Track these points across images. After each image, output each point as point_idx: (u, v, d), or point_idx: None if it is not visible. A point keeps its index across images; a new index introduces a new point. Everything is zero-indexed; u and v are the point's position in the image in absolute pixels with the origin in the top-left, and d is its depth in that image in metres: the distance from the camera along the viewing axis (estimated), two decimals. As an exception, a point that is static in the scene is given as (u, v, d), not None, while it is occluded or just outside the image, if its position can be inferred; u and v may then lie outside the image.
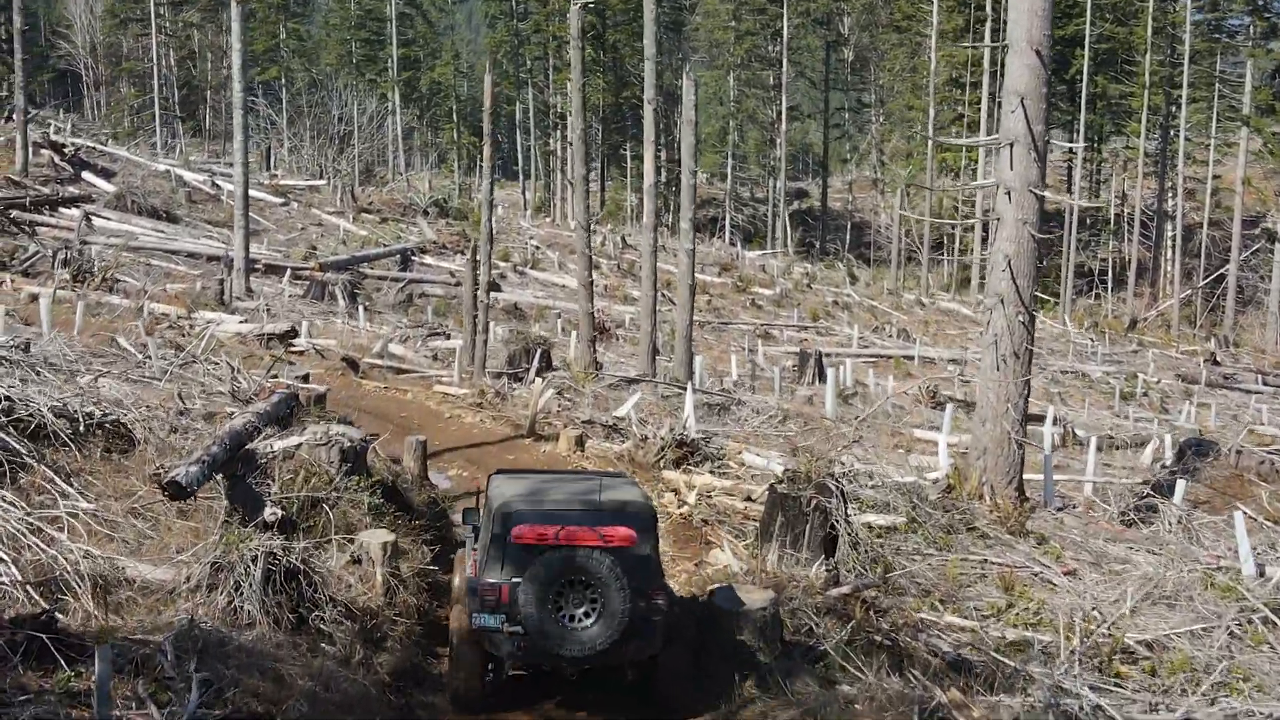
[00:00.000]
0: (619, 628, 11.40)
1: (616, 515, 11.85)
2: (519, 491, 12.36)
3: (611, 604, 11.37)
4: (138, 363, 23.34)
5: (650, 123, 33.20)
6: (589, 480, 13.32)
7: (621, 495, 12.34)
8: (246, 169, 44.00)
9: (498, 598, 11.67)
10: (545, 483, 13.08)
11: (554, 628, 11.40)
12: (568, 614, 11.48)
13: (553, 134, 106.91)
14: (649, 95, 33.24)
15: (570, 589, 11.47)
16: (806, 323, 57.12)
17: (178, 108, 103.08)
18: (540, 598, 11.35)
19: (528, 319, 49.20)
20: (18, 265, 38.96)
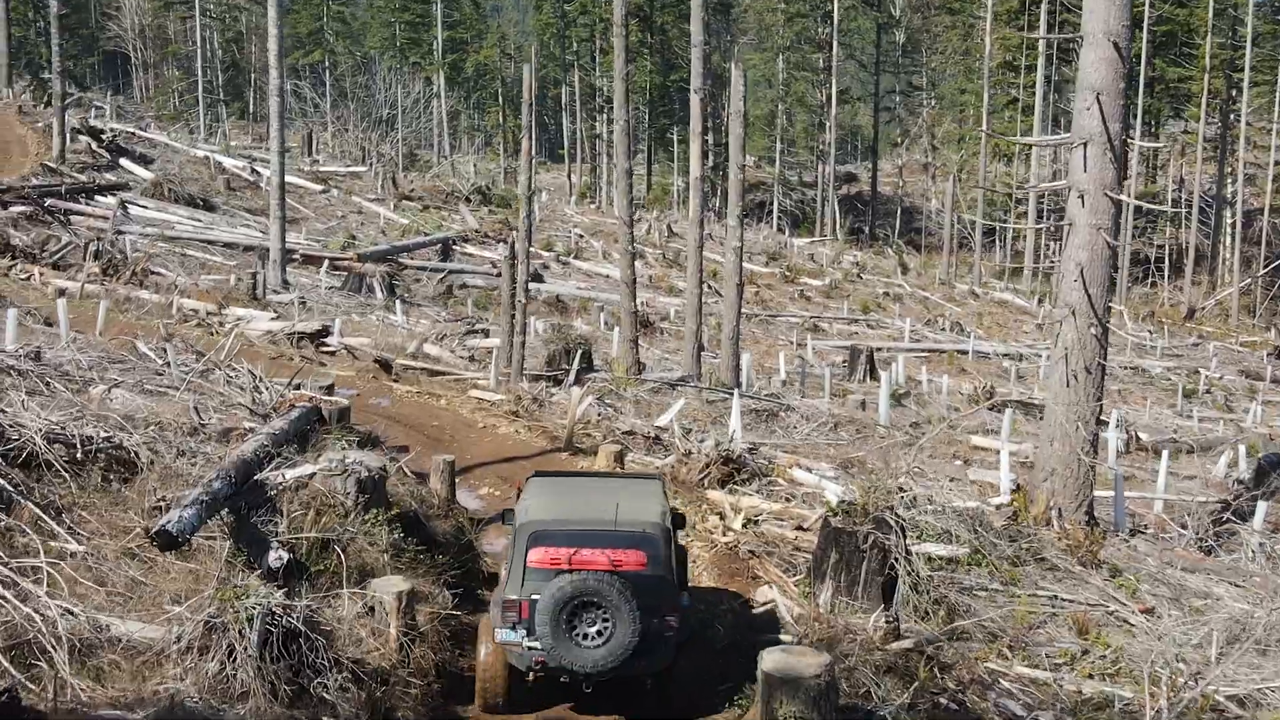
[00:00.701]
0: (629, 648, 11.94)
1: (631, 539, 12.33)
2: (545, 506, 12.96)
3: (621, 625, 11.92)
4: (156, 370, 22.22)
5: (697, 113, 31.85)
6: (615, 491, 13.50)
7: (639, 515, 12.74)
8: (284, 158, 42.93)
9: (518, 613, 12.26)
10: (573, 495, 13.63)
11: (567, 646, 11.97)
12: (580, 633, 12.01)
13: (599, 117, 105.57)
14: (696, 84, 31.89)
15: (583, 609, 12.00)
16: (857, 315, 55.64)
17: (222, 91, 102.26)
18: (554, 618, 11.92)
19: (570, 312, 47.98)
20: (48, 257, 38.02)
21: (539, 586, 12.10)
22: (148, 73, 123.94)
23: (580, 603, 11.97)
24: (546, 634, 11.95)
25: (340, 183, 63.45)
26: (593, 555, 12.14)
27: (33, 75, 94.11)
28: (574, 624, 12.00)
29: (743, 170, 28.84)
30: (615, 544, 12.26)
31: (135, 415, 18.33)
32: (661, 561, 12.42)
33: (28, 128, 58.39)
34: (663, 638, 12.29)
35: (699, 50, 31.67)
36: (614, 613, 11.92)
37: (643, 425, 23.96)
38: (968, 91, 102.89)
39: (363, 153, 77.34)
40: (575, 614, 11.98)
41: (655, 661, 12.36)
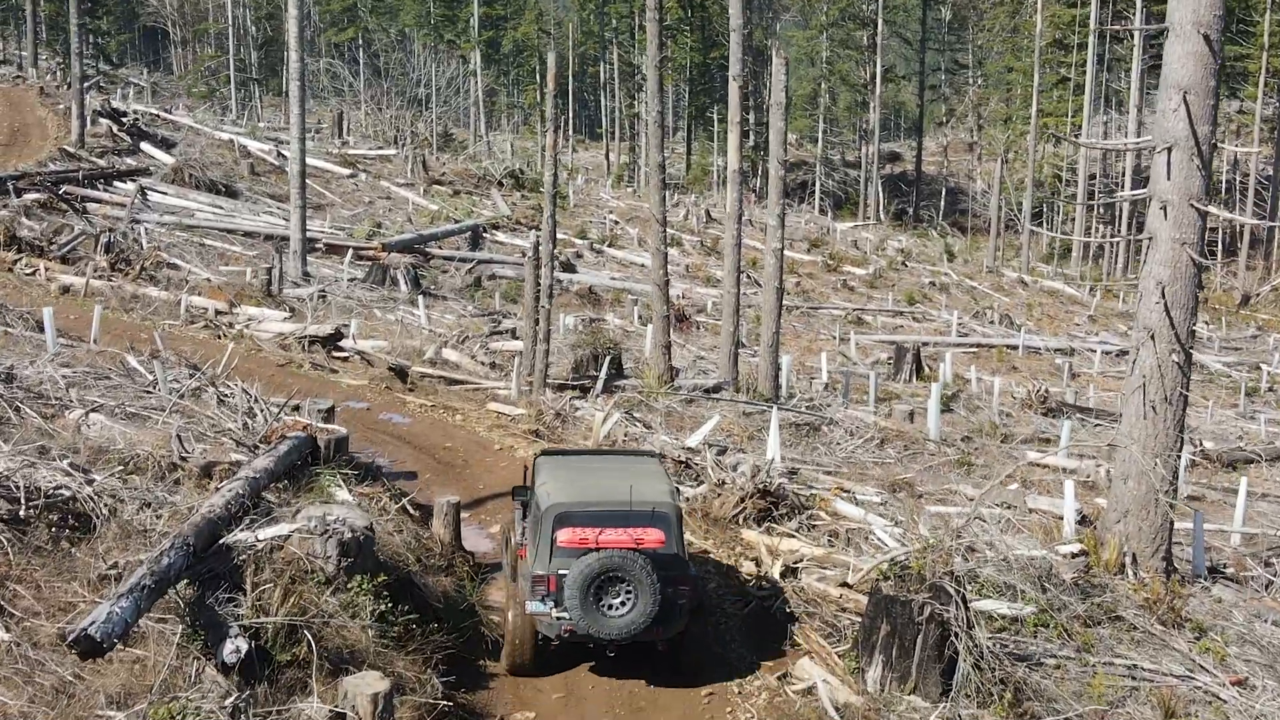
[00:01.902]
0: (650, 615, 13.35)
1: (648, 518, 13.71)
2: (563, 488, 14.10)
3: (644, 596, 13.32)
4: (145, 387, 20.47)
5: (736, 102, 29.82)
6: (624, 471, 14.90)
7: (652, 495, 14.07)
8: (304, 144, 41.14)
9: (546, 587, 13.56)
10: (586, 475, 14.85)
11: (594, 616, 13.32)
12: (606, 604, 13.38)
13: (638, 96, 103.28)
14: (735, 70, 29.84)
15: (609, 583, 13.35)
16: (902, 307, 53.48)
17: (255, 69, 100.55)
18: (583, 592, 13.26)
19: (602, 304, 46.09)
20: (57, 249, 36.37)
21: (566, 563, 13.48)
22: (186, 49, 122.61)
23: (607, 577, 13.34)
24: (576, 605, 13.27)
25: (369, 166, 61.66)
26: (617, 535, 13.61)
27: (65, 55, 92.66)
28: (600, 596, 13.37)
29: (784, 166, 26.82)
30: (635, 523, 13.69)
31: (110, 447, 16.69)
32: (675, 537, 13.90)
33: (48, 110, 56.86)
34: (676, 606, 13.69)
35: (738, 35, 29.65)
36: (636, 585, 13.33)
37: (673, 445, 22.01)
38: (1015, 70, 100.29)
39: (395, 134, 75.50)
40: (602, 587, 13.35)
41: (671, 627, 13.77)
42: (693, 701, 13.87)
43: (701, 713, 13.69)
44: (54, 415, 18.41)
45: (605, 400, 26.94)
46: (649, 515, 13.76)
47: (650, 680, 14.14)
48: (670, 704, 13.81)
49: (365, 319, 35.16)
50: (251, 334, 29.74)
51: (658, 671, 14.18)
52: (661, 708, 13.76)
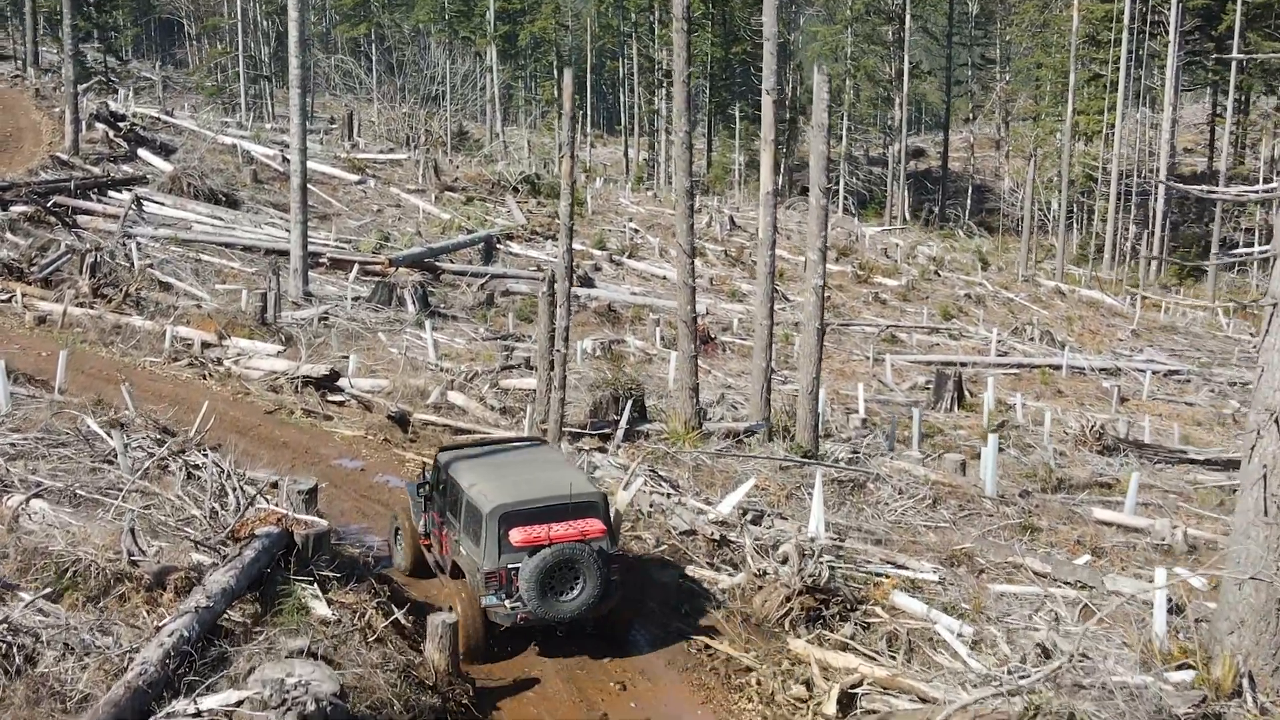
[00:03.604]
0: (597, 596, 14.86)
1: (585, 508, 15.16)
2: (497, 486, 15.35)
3: (591, 580, 14.80)
4: (104, 457, 17.95)
5: (770, 118, 27.18)
6: (532, 460, 16.93)
7: (582, 486, 15.64)
8: (305, 156, 38.60)
9: (499, 581, 14.81)
10: (505, 469, 16.22)
11: (548, 603, 14.66)
12: (558, 591, 14.74)
13: (657, 91, 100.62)
14: (769, 83, 27.18)
15: (560, 572, 14.70)
16: (937, 322, 50.78)
17: (265, 66, 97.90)
18: (540, 584, 14.58)
19: (622, 322, 43.47)
20: (38, 271, 33.92)
21: (516, 558, 14.80)
22: (199, 43, 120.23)
23: (559, 568, 14.72)
24: (534, 596, 14.63)
25: (379, 170, 59.06)
26: (565, 529, 14.94)
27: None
28: (551, 584, 14.74)
29: (826, 194, 24.15)
30: (577, 515, 15.09)
31: (48, 547, 14.22)
32: (608, 523, 15.46)
33: (43, 113, 54.41)
34: (612, 583, 15.17)
35: (771, 45, 26.98)
36: (585, 572, 14.83)
37: (704, 522, 19.41)
38: (1044, 66, 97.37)
39: (407, 134, 72.91)
40: (553, 576, 14.73)
41: (609, 603, 15.26)
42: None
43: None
44: (-9, 502, 15.96)
45: (627, 451, 24.39)
46: (587, 506, 15.28)
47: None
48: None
49: (368, 349, 32.67)
50: (240, 372, 27.24)
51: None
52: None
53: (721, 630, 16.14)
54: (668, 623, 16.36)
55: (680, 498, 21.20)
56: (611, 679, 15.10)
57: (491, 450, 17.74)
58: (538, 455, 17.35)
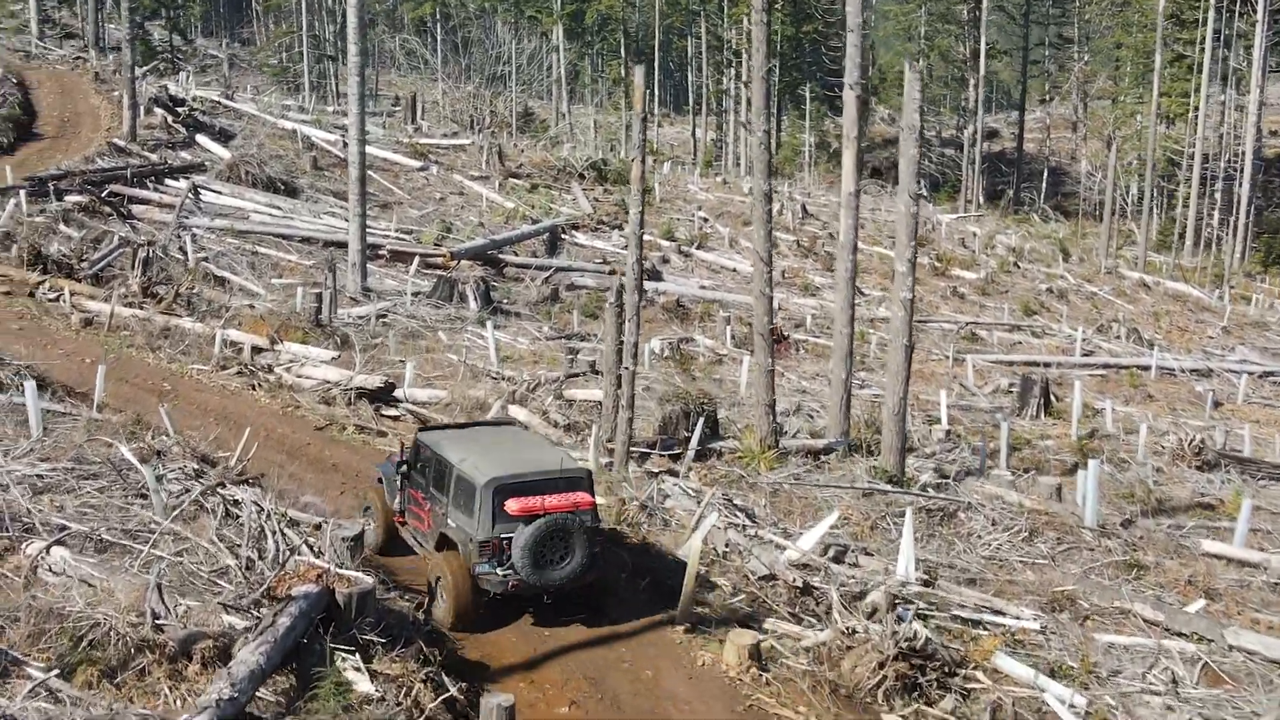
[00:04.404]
0: (586, 565, 15.69)
1: (574, 482, 16.14)
2: (486, 461, 16.01)
3: (580, 550, 15.63)
4: (137, 491, 16.60)
5: (852, 114, 25.53)
6: (513, 439, 17.90)
7: (569, 463, 16.56)
8: (364, 147, 37.25)
9: (491, 550, 15.54)
10: (490, 447, 16.78)
11: (540, 571, 15.43)
12: (550, 559, 15.51)
13: (726, 71, 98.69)
14: (852, 77, 25.54)
15: (551, 542, 15.46)
16: (1018, 319, 48.76)
17: (329, 44, 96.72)
18: (533, 553, 15.34)
19: (691, 318, 41.84)
20: (89, 266, 32.76)
21: (510, 527, 15.40)
22: (266, 19, 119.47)
23: (551, 537, 15.31)
24: (526, 564, 15.23)
25: (441, 156, 57.59)
26: (559, 500, 15.64)
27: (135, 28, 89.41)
28: (543, 553, 15.32)
29: (916, 201, 22.39)
30: (568, 488, 15.87)
31: (65, 608, 12.89)
32: (593, 496, 16.23)
33: (102, 97, 53.46)
34: (596, 554, 15.78)
35: (855, 37, 25.33)
36: (576, 542, 15.45)
37: (785, 566, 17.79)
38: (1125, 46, 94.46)
39: (471, 116, 71.51)
40: (545, 545, 15.30)
41: (595, 572, 15.89)
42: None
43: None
44: (6, 550, 14.64)
45: (698, 473, 22.84)
46: (575, 480, 16.16)
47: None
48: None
49: (426, 351, 31.28)
50: (292, 382, 25.88)
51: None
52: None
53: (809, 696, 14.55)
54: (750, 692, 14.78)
55: (757, 530, 19.63)
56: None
57: (471, 430, 18.56)
58: (517, 435, 18.65)
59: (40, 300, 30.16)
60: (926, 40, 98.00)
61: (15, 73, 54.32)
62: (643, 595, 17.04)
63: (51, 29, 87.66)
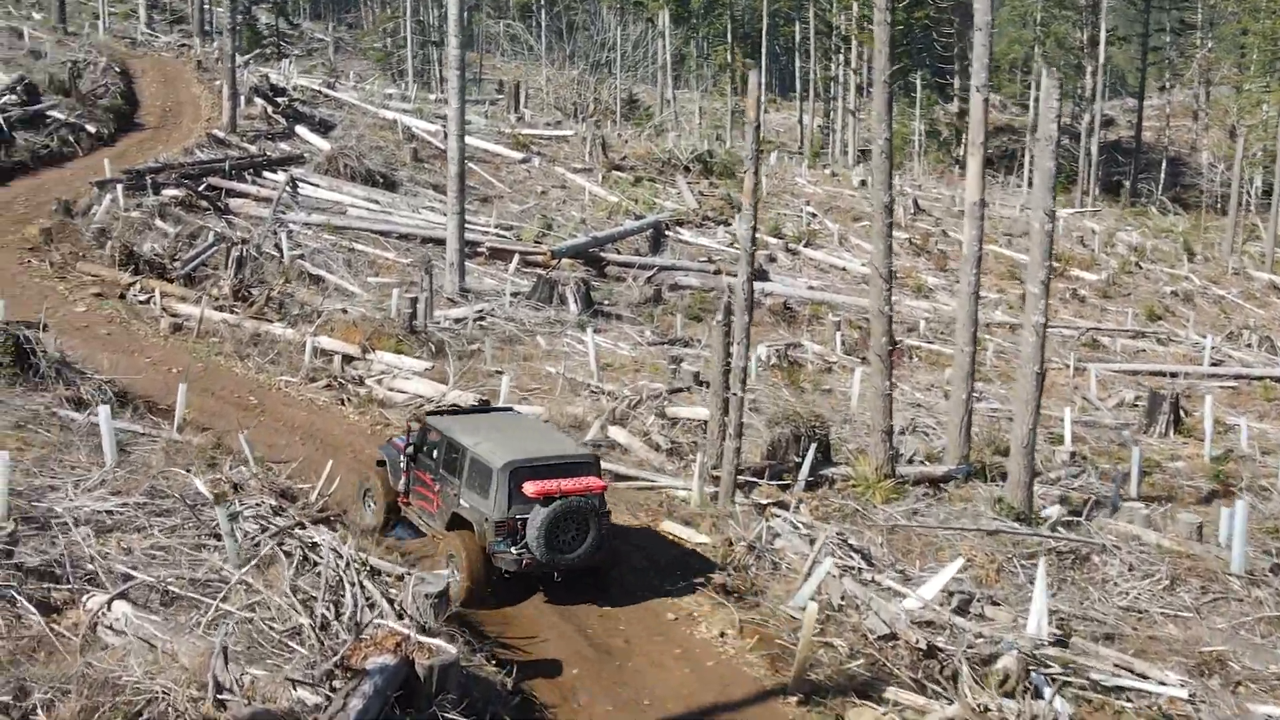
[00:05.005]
0: (597, 546, 16.59)
1: (586, 466, 17.09)
2: (500, 446, 16.95)
3: (592, 531, 16.48)
4: (209, 531, 15.48)
5: (979, 117, 23.81)
6: (516, 424, 18.74)
7: (579, 449, 18.41)
8: (463, 142, 36.14)
9: (507, 530, 16.35)
10: (500, 431, 17.81)
11: (554, 551, 16.23)
12: (563, 540, 16.31)
13: (834, 58, 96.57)
14: (979, 79, 23.85)
15: (564, 523, 16.27)
16: (1141, 324, 46.55)
17: (433, 30, 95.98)
18: (549, 534, 16.14)
19: (799, 322, 40.28)
20: (181, 266, 31.95)
21: (523, 510, 16.32)
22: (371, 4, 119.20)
23: (565, 518, 16.27)
24: (541, 544, 16.13)
25: (544, 147, 56.36)
26: (573, 484, 16.57)
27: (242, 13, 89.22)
28: (557, 534, 16.23)
29: (1052, 218, 20.67)
30: (581, 472, 16.86)
31: (120, 677, 11.82)
32: (602, 480, 17.25)
33: (204, 86, 52.97)
34: (606, 535, 16.84)
35: (984, 35, 23.63)
36: (589, 523, 16.46)
37: (906, 624, 16.26)
38: (1251, 32, 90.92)
39: (575, 104, 70.30)
40: (558, 526, 16.23)
41: (603, 553, 16.88)
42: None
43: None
44: (65, 604, 13.59)
45: (808, 505, 21.37)
46: (586, 464, 17.09)
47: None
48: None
49: (524, 358, 30.09)
50: (383, 395, 24.80)
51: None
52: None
53: None
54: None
55: (874, 576, 18.14)
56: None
57: (479, 415, 19.50)
58: (521, 420, 19.43)
59: (130, 302, 29.38)
60: (1042, 26, 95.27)
61: (119, 61, 53.98)
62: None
63: (160, 14, 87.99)
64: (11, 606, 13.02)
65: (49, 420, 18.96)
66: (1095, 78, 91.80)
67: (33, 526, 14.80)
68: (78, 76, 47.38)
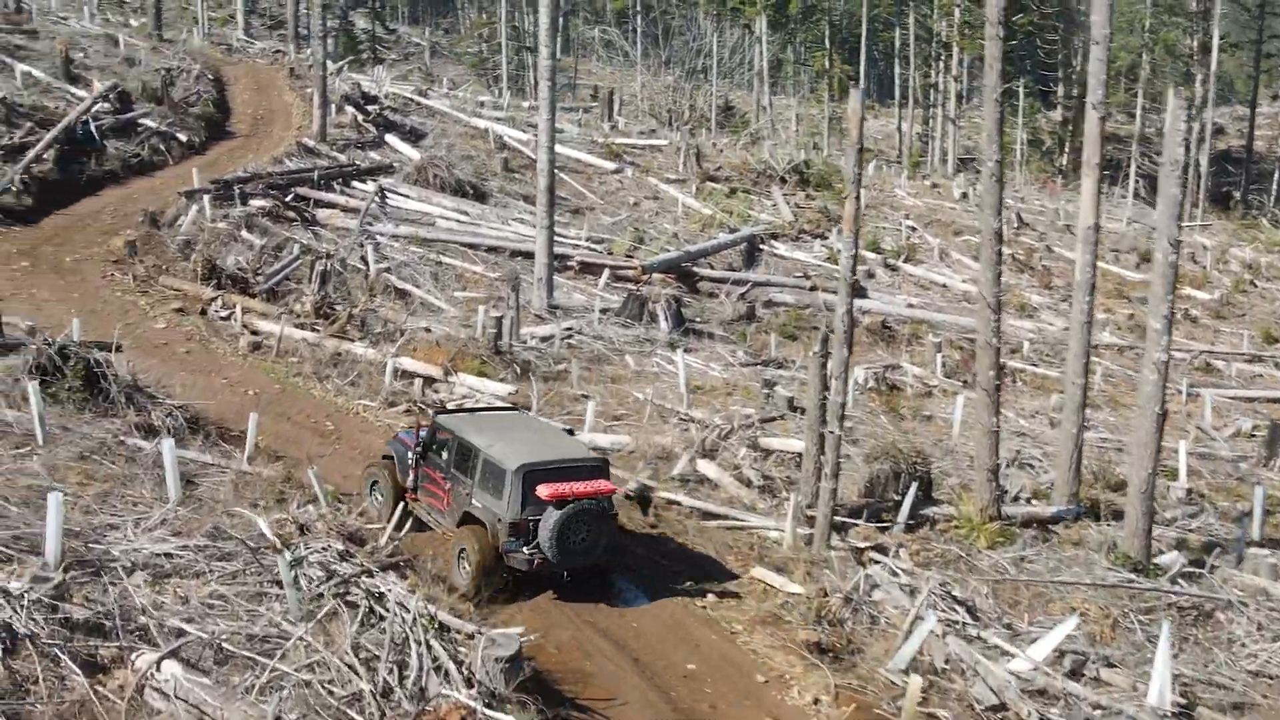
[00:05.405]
0: (605, 547, 17.24)
1: (596, 470, 17.56)
2: (512, 448, 17.40)
3: (602, 531, 17.11)
4: (270, 580, 14.58)
5: (1095, 136, 22.47)
6: (525, 425, 19.22)
7: (589, 452, 18.63)
8: (553, 155, 35.22)
9: (520, 531, 16.86)
10: (509, 432, 18.27)
11: (565, 552, 16.79)
12: (574, 542, 16.85)
13: (935, 65, 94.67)
14: (1095, 96, 22.52)
15: (574, 524, 16.79)
16: (1258, 348, 44.54)
17: (529, 36, 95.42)
18: (560, 535, 16.67)
19: (897, 342, 38.91)
20: (264, 281, 31.31)
21: (534, 511, 16.87)
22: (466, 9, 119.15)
23: (576, 520, 16.81)
24: (553, 545, 16.69)
25: (637, 157, 55.34)
26: (585, 487, 17.09)
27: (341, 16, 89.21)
28: (568, 536, 16.80)
29: (1177, 248, 19.30)
30: (592, 475, 17.41)
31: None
32: (611, 483, 17.80)
33: (296, 94, 52.52)
34: (613, 537, 17.59)
35: (1101, 50, 22.26)
36: (600, 524, 17.09)
37: (1016, 694, 14.99)
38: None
39: (669, 115, 69.23)
40: (570, 528, 16.79)
41: (611, 552, 17.62)
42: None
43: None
44: (113, 662, 12.74)
45: (908, 549, 20.12)
46: (596, 468, 17.46)
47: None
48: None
49: (611, 380, 29.06)
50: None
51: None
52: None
53: None
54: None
55: (979, 632, 16.88)
56: None
57: (485, 415, 19.87)
58: (530, 422, 19.89)
59: (211, 319, 28.74)
60: (1150, 33, 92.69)
61: (213, 68, 53.72)
62: None
63: (260, 19, 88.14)
64: (55, 666, 12.20)
65: (115, 450, 18.22)
66: (1206, 86, 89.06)
67: (86, 571, 13.99)
68: (170, 84, 47.10)
